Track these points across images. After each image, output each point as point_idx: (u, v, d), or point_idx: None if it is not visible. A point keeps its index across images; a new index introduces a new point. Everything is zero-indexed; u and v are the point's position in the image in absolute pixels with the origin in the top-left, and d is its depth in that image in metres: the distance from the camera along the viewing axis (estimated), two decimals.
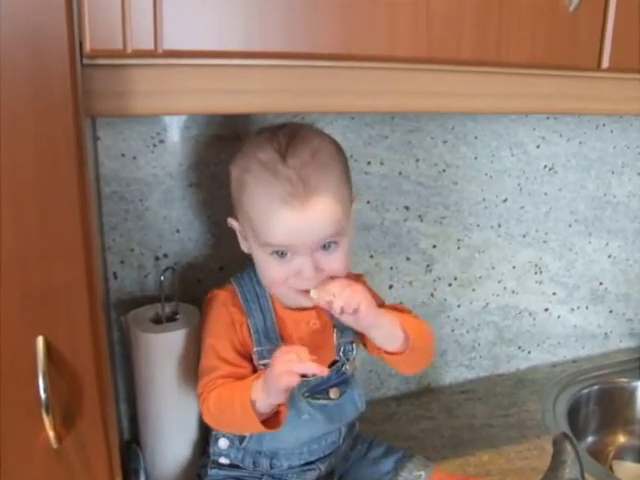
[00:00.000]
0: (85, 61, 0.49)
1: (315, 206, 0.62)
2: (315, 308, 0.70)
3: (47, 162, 0.48)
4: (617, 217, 1.18)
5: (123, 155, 0.81)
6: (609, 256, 1.19)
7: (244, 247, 0.71)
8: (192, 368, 0.73)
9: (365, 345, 0.74)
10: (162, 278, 0.77)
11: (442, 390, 1.11)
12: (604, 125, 1.10)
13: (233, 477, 0.73)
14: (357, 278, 0.75)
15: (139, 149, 0.81)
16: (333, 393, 0.72)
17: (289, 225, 0.62)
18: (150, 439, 0.76)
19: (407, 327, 0.66)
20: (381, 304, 0.74)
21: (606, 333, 1.25)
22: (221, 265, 0.88)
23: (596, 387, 1.13)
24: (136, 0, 0.48)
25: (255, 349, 0.68)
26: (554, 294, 1.16)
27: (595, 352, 1.25)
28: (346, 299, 0.61)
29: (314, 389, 0.69)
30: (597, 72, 0.66)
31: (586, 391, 1.13)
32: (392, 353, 0.66)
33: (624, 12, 0.64)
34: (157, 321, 0.77)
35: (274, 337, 0.69)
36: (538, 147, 1.06)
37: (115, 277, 0.84)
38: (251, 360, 0.69)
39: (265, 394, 0.62)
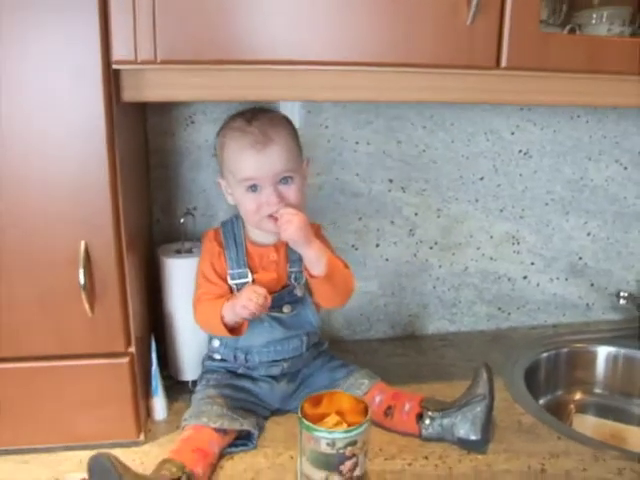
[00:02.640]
0: (113, 66, 0.78)
1: (271, 148, 0.89)
2: (274, 245, 0.96)
3: (89, 130, 0.78)
4: (595, 199, 1.32)
5: (165, 132, 1.11)
6: (588, 234, 1.34)
7: (230, 200, 0.98)
8: None
9: (308, 285, 0.98)
10: (182, 220, 1.06)
11: (424, 338, 1.32)
12: (579, 116, 1.26)
13: (222, 367, 1.01)
14: (315, 227, 0.99)
15: (175, 128, 1.11)
16: (286, 308, 0.98)
17: (255, 162, 0.90)
18: (169, 335, 1.05)
19: (332, 264, 0.91)
20: (328, 247, 0.98)
21: (587, 304, 1.39)
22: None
23: (563, 350, 1.28)
24: (140, 29, 0.75)
25: (229, 272, 0.96)
26: (532, 264, 1.33)
27: (576, 320, 1.39)
28: (288, 216, 0.88)
29: (272, 305, 0.94)
30: (497, 70, 0.85)
31: (553, 352, 1.28)
32: (312, 276, 0.92)
33: (518, 23, 0.83)
34: (178, 252, 1.06)
35: (243, 264, 0.96)
36: (513, 134, 1.24)
37: (158, 222, 1.15)
38: (226, 280, 0.96)
39: (231, 314, 0.91)
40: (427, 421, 0.94)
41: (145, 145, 1.11)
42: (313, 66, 0.82)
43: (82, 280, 0.82)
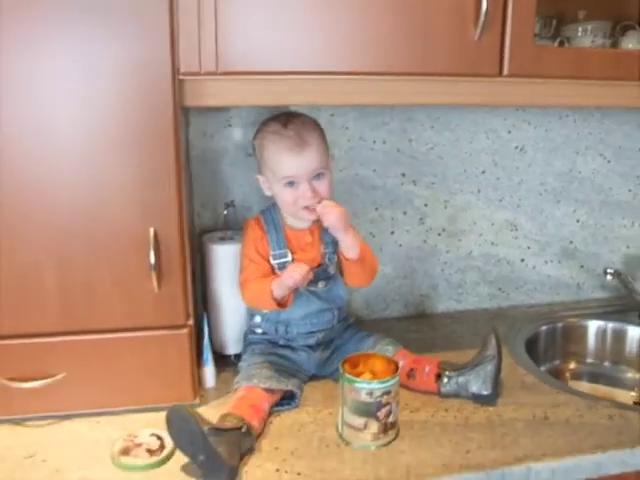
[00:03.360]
0: (180, 77, 0.92)
1: (306, 150, 1.04)
2: (309, 228, 1.12)
3: (159, 132, 0.92)
4: (583, 190, 1.48)
5: (205, 134, 1.25)
6: (577, 221, 1.50)
7: (267, 192, 1.12)
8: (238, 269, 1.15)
9: (339, 265, 1.13)
10: (225, 212, 1.21)
11: (434, 316, 1.47)
12: (567, 116, 1.42)
13: (264, 339, 1.15)
14: None
15: (215, 130, 1.25)
16: (321, 284, 1.13)
17: (292, 163, 1.04)
18: (213, 313, 1.19)
19: (363, 249, 1.07)
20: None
21: (578, 284, 1.55)
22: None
23: (558, 324, 1.44)
24: (204, 46, 0.90)
25: (271, 253, 1.11)
26: (528, 248, 1.49)
27: (569, 299, 1.55)
28: (331, 209, 1.03)
29: (310, 280, 1.09)
30: (500, 77, 1.01)
31: (550, 326, 1.43)
32: (347, 259, 1.07)
33: (517, 38, 0.99)
34: (222, 239, 1.20)
35: (283, 246, 1.11)
36: (509, 132, 1.39)
37: (198, 216, 1.29)
38: (269, 261, 1.11)
39: (278, 288, 1.05)
40: (445, 380, 1.09)
41: (186, 145, 1.25)
42: (345, 76, 0.97)
43: (153, 261, 0.96)
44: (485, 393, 1.07)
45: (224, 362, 1.20)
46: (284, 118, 1.08)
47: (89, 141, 0.92)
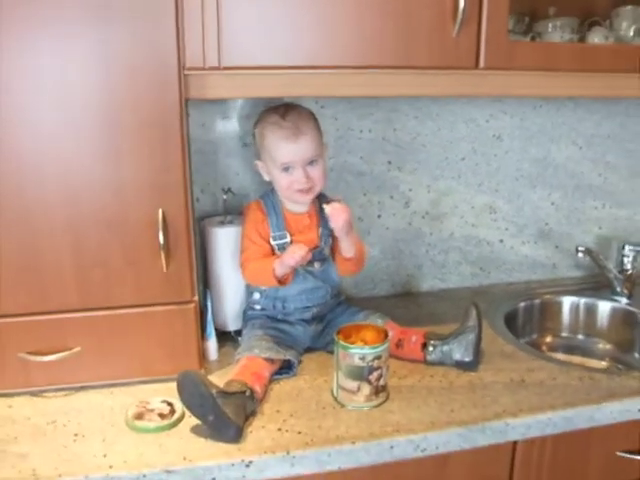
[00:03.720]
0: (185, 72, 1.00)
1: (301, 139, 1.13)
2: (307, 212, 1.21)
3: (167, 122, 1.01)
4: (557, 175, 1.59)
5: (203, 125, 1.33)
6: (552, 204, 1.61)
7: (266, 177, 1.21)
8: (238, 250, 1.24)
9: (333, 252, 1.23)
10: (224, 197, 1.29)
11: (420, 294, 1.57)
12: (541, 106, 1.52)
13: (263, 314, 1.24)
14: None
15: (212, 122, 1.33)
16: (317, 264, 1.22)
17: (289, 150, 1.14)
18: (214, 293, 1.28)
19: (359, 250, 1.19)
20: None
21: (554, 264, 1.66)
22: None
23: (535, 301, 1.55)
24: (208, 43, 0.98)
25: (271, 234, 1.20)
26: (507, 229, 1.59)
27: (545, 277, 1.66)
28: (340, 212, 1.13)
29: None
30: (476, 70, 1.10)
31: (528, 303, 1.54)
32: (346, 258, 1.19)
33: (492, 34, 1.08)
34: (222, 223, 1.29)
35: (283, 228, 1.20)
36: (487, 121, 1.49)
37: (197, 200, 1.37)
38: (269, 242, 1.20)
39: (280, 267, 1.14)
40: (430, 349, 1.19)
41: (188, 135, 1.33)
42: (334, 70, 1.06)
43: (162, 240, 1.05)
44: (467, 360, 1.17)
45: (225, 338, 1.29)
46: (282, 109, 1.17)
47: (106, 131, 1.00)
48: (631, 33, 1.31)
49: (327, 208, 1.13)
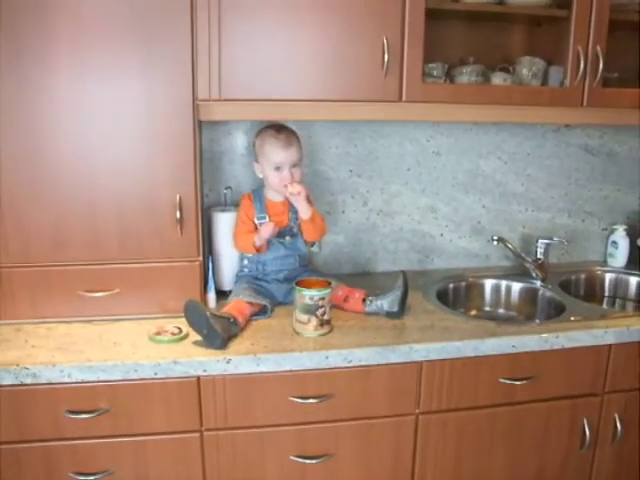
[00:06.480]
0: (197, 102, 1.50)
1: (290, 148, 1.62)
2: (282, 202, 1.69)
3: (185, 135, 1.50)
4: (486, 184, 2.04)
5: (211, 140, 1.83)
6: (483, 206, 2.05)
7: (260, 175, 1.69)
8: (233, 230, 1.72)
9: (300, 229, 1.70)
10: (225, 193, 1.78)
11: (375, 274, 2.02)
12: (471, 129, 1.98)
13: (249, 274, 1.72)
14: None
15: (219, 137, 1.83)
16: (287, 238, 1.70)
17: (282, 155, 1.62)
18: (215, 259, 1.76)
19: (314, 215, 1.66)
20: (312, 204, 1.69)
21: (487, 255, 2.10)
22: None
23: (463, 282, 1.98)
24: (212, 81, 1.48)
25: (256, 216, 1.68)
26: (446, 226, 2.04)
27: (480, 266, 2.09)
28: (297, 189, 1.59)
29: (279, 235, 1.66)
30: (400, 102, 1.57)
31: (457, 283, 1.97)
32: (303, 221, 1.65)
33: (411, 77, 1.56)
34: (223, 211, 1.77)
35: (264, 211, 1.68)
36: (428, 141, 1.96)
37: (207, 196, 1.86)
38: (253, 221, 1.68)
39: (258, 239, 1.63)
40: (368, 302, 1.64)
41: (200, 147, 1.83)
42: (300, 103, 1.54)
43: (178, 216, 1.53)
44: (394, 310, 1.62)
45: (222, 295, 1.75)
46: (277, 127, 1.66)
47: (146, 142, 1.50)
48: (530, 76, 1.76)
49: (289, 186, 1.61)
